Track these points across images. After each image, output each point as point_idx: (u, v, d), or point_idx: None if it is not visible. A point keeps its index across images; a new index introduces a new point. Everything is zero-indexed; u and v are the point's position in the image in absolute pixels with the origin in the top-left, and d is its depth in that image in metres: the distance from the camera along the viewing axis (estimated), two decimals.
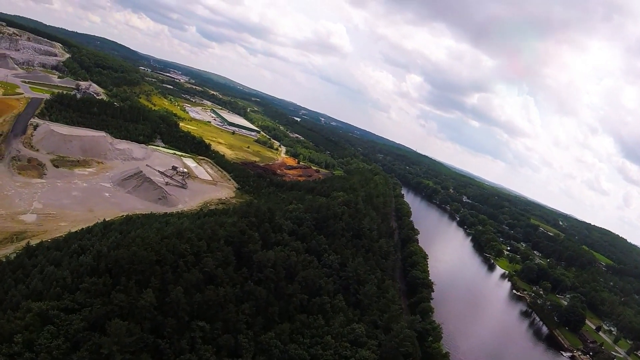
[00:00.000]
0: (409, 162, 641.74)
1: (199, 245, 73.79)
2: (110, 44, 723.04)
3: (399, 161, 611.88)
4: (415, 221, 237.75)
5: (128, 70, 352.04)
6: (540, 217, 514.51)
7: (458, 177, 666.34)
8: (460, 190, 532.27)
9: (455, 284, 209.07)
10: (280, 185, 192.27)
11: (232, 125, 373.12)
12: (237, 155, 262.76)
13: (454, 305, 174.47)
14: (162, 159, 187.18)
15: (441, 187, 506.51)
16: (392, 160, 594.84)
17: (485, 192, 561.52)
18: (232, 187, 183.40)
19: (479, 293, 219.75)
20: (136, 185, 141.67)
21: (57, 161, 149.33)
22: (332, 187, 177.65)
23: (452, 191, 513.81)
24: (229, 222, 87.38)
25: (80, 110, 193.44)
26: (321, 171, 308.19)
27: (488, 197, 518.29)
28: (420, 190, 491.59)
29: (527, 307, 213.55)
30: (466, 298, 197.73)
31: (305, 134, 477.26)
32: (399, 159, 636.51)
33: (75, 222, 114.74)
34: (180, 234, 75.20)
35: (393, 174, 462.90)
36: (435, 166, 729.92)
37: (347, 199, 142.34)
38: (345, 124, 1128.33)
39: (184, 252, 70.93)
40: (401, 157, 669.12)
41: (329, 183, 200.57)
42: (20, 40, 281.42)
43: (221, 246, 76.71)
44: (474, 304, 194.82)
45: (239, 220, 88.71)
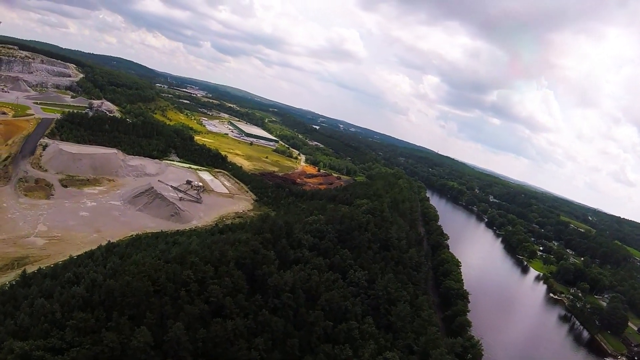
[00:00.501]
0: (432, 164, 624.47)
1: (204, 271, 63.87)
2: (127, 63, 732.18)
3: (421, 163, 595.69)
4: (442, 225, 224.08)
5: (142, 87, 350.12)
6: (569, 213, 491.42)
7: (482, 177, 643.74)
8: (485, 190, 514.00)
9: (489, 290, 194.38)
10: (299, 194, 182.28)
11: (249, 136, 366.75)
12: (255, 166, 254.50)
13: (489, 314, 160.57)
14: (177, 174, 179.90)
15: (466, 188, 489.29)
16: (414, 163, 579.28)
17: (511, 191, 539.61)
18: (250, 199, 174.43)
19: (514, 299, 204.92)
20: (147, 202, 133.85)
21: (65, 181, 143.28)
22: (354, 195, 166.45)
23: (478, 191, 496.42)
24: (240, 241, 77.29)
25: (92, 129, 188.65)
26: (342, 178, 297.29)
27: (515, 196, 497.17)
28: (445, 192, 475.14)
29: (566, 311, 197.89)
30: (501, 305, 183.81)
31: (324, 141, 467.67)
32: (421, 161, 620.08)
33: (80, 245, 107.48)
34: (184, 258, 65.29)
35: (416, 177, 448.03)
36: (458, 167, 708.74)
37: (372, 207, 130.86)
38: (364, 130, 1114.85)
39: (187, 279, 61.07)
40: (423, 159, 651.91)
41: (351, 190, 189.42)
42: (33, 63, 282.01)
43: (231, 270, 66.53)
44: (509, 311, 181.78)
45: (252, 238, 78.56)
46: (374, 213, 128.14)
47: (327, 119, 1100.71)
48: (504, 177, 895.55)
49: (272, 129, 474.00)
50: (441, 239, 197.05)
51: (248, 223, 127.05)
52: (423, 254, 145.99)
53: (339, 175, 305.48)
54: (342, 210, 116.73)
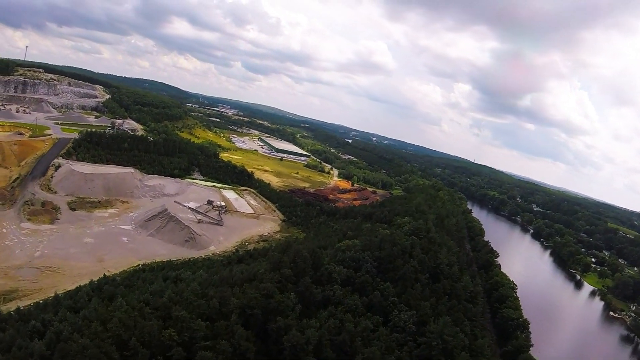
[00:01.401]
0: (469, 173, 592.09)
1: (194, 328, 46.28)
2: (159, 85, 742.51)
3: (459, 173, 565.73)
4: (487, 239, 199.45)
5: (169, 105, 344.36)
6: (614, 218, 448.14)
7: (522, 185, 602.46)
8: (527, 198, 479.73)
9: (544, 311, 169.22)
10: (332, 213, 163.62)
11: (279, 151, 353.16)
12: (285, 182, 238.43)
13: (547, 340, 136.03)
14: (198, 193, 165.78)
15: (507, 197, 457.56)
16: (451, 173, 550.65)
17: (554, 198, 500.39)
18: (277, 219, 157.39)
19: (572, 320, 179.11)
20: (160, 226, 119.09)
21: (74, 203, 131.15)
22: (393, 211, 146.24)
23: (520, 200, 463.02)
24: (251, 279, 59.40)
25: (110, 147, 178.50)
26: (378, 192, 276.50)
27: (558, 204, 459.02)
28: (485, 203, 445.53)
29: (628, 331, 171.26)
30: (559, 328, 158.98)
31: (357, 154, 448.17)
32: (458, 171, 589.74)
33: (77, 277, 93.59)
34: (168, 309, 47.97)
35: (455, 188, 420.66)
36: (496, 175, 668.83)
37: (416, 226, 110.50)
38: (397, 142, 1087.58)
39: (168, 341, 43.55)
40: (460, 169, 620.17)
41: (389, 206, 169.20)
42: (59, 85, 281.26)
43: (232, 325, 48.69)
44: (568, 335, 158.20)
45: (266, 276, 60.63)
46: (418, 234, 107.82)
47: (359, 132, 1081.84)
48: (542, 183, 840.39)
49: (304, 143, 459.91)
50: (491, 257, 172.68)
51: (272, 247, 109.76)
52: (478, 281, 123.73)
53: (374, 189, 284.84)
54: (381, 233, 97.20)
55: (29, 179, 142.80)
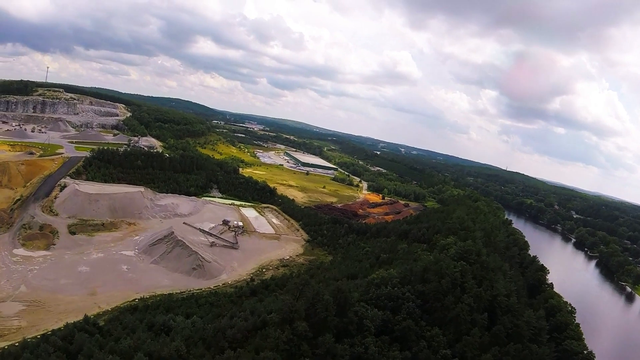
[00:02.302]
0: (502, 181, 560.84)
1: None
2: (185, 104, 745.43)
3: (492, 182, 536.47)
4: None
5: (192, 122, 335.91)
6: None
7: (558, 191, 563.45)
8: (565, 205, 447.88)
9: (601, 333, 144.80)
10: (362, 231, 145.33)
11: (306, 165, 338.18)
12: (311, 197, 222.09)
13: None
14: (215, 212, 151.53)
15: (544, 204, 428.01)
16: (484, 182, 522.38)
17: (592, 204, 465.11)
18: (301, 239, 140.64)
19: (628, 339, 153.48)
20: (165, 252, 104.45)
21: (75, 226, 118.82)
22: (433, 228, 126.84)
23: (557, 207, 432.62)
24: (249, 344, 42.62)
25: (122, 166, 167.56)
26: (411, 205, 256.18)
27: (598, 209, 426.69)
28: (522, 212, 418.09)
29: None
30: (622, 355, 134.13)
31: (386, 165, 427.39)
32: (490, 179, 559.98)
33: (63, 313, 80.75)
34: None
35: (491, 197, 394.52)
36: (530, 182, 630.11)
37: (464, 248, 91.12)
38: (426, 152, 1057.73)
39: None
40: (493, 177, 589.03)
41: (426, 221, 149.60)
42: (79, 104, 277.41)
43: None
44: None
45: (273, 333, 43.67)
46: (468, 258, 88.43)
47: (387, 143, 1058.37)
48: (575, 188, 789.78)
49: (331, 156, 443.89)
50: (541, 275, 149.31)
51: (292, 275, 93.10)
52: (541, 313, 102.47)
53: (406, 202, 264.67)
54: (423, 259, 78.69)
55: (30, 201, 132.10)
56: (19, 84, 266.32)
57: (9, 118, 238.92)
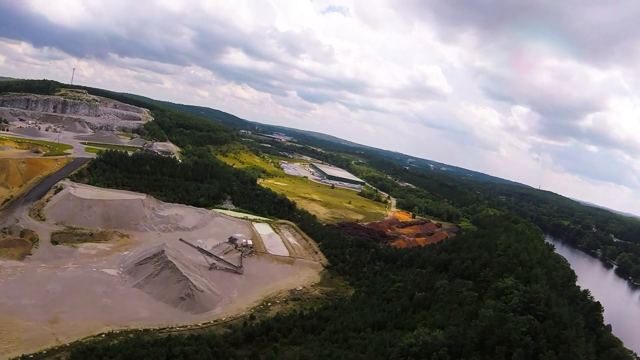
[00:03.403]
0: (536, 200, 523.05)
1: None
2: (215, 113, 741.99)
3: (525, 201, 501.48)
4: None
5: (215, 129, 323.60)
6: None
7: (593, 212, 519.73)
8: (603, 227, 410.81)
9: None
10: (391, 258, 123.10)
11: (331, 178, 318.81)
12: (334, 214, 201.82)
13: None
14: (223, 227, 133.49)
15: (582, 226, 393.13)
16: (517, 201, 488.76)
17: (631, 226, 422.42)
18: (319, 264, 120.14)
19: None
20: (152, 274, 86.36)
21: (59, 235, 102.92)
22: (479, 260, 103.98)
23: (595, 230, 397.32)
24: None
25: (129, 170, 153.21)
26: (443, 225, 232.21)
27: (638, 232, 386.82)
28: (559, 234, 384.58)
29: None
30: None
31: (416, 181, 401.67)
32: (524, 198, 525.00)
33: (13, 343, 64.02)
34: None
35: (527, 218, 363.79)
36: (564, 202, 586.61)
37: (532, 296, 68.64)
38: (455, 168, 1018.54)
39: None
40: (526, 196, 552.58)
41: (468, 248, 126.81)
42: (101, 106, 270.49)
43: None
44: None
45: None
46: (535, 309, 66.27)
47: (416, 159, 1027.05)
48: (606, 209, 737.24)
49: (358, 170, 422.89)
50: (597, 315, 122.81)
51: (303, 316, 73.17)
52: None
53: (438, 221, 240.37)
54: (485, 316, 56.93)
55: (20, 202, 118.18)
56: (41, 83, 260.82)
57: (27, 116, 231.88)
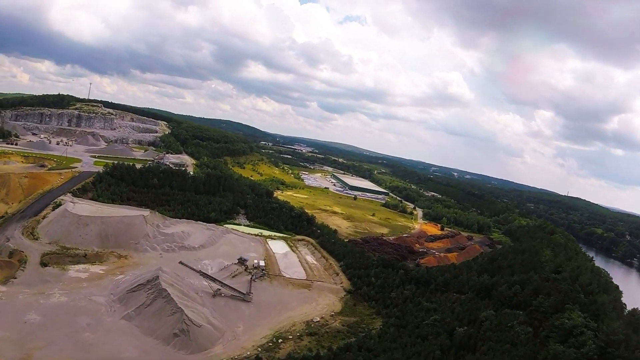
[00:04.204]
0: (565, 208, 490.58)
1: None
2: (236, 125, 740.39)
3: (554, 208, 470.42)
4: None
5: (233, 140, 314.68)
6: None
7: (624, 219, 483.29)
8: (636, 234, 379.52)
9: None
10: (423, 281, 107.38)
11: (354, 189, 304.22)
12: (357, 228, 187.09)
13: None
14: (234, 245, 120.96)
15: (615, 234, 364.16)
16: (547, 209, 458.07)
17: None
18: (340, 288, 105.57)
19: None
20: (144, 304, 74.10)
21: (50, 256, 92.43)
22: (529, 284, 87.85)
23: (629, 238, 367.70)
24: None
25: (135, 184, 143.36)
26: (474, 237, 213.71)
27: None
28: (592, 243, 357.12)
29: None
30: None
31: (441, 190, 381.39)
32: (553, 206, 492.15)
33: None
34: None
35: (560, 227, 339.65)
36: (593, 208, 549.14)
37: (610, 339, 52.99)
38: (479, 176, 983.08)
39: None
40: (554, 203, 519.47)
41: (509, 267, 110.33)
42: (117, 119, 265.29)
43: None
44: None
45: None
46: (613, 355, 50.65)
47: (439, 167, 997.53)
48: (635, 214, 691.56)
49: (382, 180, 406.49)
50: None
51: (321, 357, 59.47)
52: None
53: (469, 233, 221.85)
54: None
55: (15, 219, 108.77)
56: (55, 98, 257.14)
57: (40, 130, 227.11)
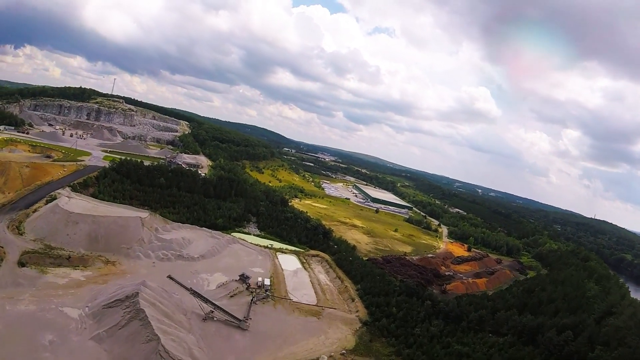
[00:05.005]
0: (593, 231, 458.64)
1: None
2: (261, 131, 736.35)
3: (582, 231, 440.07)
4: None
5: (253, 144, 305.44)
6: None
7: None
8: None
9: None
10: (453, 316, 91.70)
11: (376, 201, 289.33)
12: (378, 244, 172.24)
13: None
14: (239, 258, 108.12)
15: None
16: (574, 232, 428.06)
17: None
18: (355, 318, 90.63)
19: None
20: (118, 325, 61.78)
21: (31, 255, 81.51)
22: (583, 327, 71.95)
23: None
24: None
25: (141, 182, 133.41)
26: (503, 260, 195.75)
27: None
28: (621, 270, 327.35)
29: None
30: None
31: (466, 207, 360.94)
32: (580, 228, 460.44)
33: None
34: None
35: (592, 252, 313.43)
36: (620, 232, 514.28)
37: None
38: (504, 194, 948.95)
39: None
40: (582, 225, 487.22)
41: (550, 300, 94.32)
42: (137, 116, 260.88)
43: None
44: None
45: None
46: None
47: (463, 183, 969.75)
48: None
49: (405, 193, 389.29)
50: None
51: None
52: None
53: (498, 256, 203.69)
54: None
55: (5, 210, 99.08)
56: (76, 90, 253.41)
57: (58, 122, 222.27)
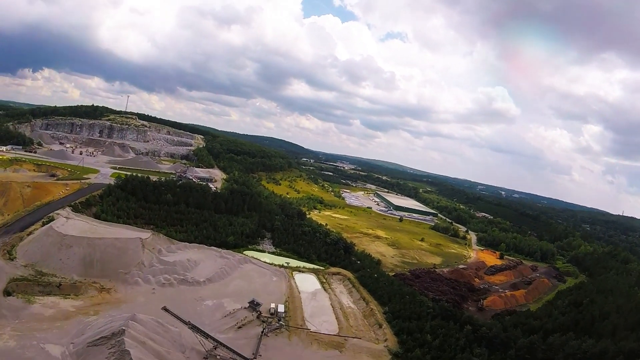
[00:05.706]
0: (623, 229, 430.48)
1: None
2: (279, 142, 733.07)
3: (612, 230, 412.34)
4: None
5: (270, 155, 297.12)
6: None
7: None
8: None
9: None
10: (499, 343, 78.64)
11: (399, 209, 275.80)
12: (404, 256, 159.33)
13: None
14: (250, 280, 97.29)
15: None
16: (605, 230, 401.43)
17: None
18: (383, 349, 77.86)
19: None
20: None
21: (18, 283, 73.27)
22: None
23: None
24: None
25: (147, 199, 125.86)
26: (538, 267, 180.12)
27: None
28: None
29: None
30: None
31: (492, 210, 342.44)
32: (609, 226, 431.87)
33: None
34: None
35: None
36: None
37: None
38: (528, 195, 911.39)
39: None
40: (610, 223, 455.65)
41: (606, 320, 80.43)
42: (150, 132, 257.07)
43: None
44: None
45: None
46: None
47: (486, 186, 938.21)
48: None
49: (428, 199, 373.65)
50: None
51: None
52: None
53: (533, 263, 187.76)
54: None
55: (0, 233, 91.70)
56: (88, 108, 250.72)
57: (69, 140, 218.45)
